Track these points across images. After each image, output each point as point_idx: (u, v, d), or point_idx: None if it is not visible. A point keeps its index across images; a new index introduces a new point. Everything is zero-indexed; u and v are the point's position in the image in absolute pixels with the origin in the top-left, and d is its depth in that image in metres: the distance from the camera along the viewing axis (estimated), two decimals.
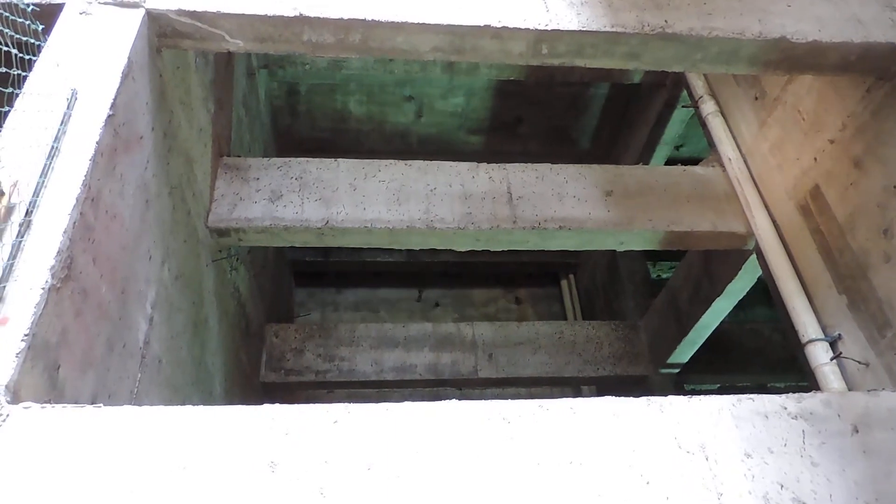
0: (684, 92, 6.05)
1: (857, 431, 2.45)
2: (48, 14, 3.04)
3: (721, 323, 6.21)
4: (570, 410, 2.38)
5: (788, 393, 2.54)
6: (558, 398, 2.44)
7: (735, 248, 5.15)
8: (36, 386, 2.28)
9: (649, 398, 2.46)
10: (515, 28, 3.32)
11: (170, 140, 3.64)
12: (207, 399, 4.56)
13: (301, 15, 3.19)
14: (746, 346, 7.70)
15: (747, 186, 4.95)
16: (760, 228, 4.76)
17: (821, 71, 3.76)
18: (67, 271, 2.47)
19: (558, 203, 4.91)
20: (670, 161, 7.30)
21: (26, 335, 2.21)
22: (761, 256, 4.79)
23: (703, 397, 2.48)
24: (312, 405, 2.29)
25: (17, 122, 2.61)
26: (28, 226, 2.40)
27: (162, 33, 3.27)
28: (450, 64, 6.70)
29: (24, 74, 2.73)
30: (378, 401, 2.36)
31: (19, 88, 2.70)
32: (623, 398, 2.46)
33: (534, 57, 3.52)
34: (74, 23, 3.04)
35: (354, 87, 7.50)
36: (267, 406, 2.26)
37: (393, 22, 3.25)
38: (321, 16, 3.20)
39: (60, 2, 3.10)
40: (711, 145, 5.41)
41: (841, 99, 4.10)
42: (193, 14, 3.17)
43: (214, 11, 3.15)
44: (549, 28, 3.34)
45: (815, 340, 4.14)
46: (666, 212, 4.98)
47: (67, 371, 2.50)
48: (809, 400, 2.52)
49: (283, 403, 2.27)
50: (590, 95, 7.88)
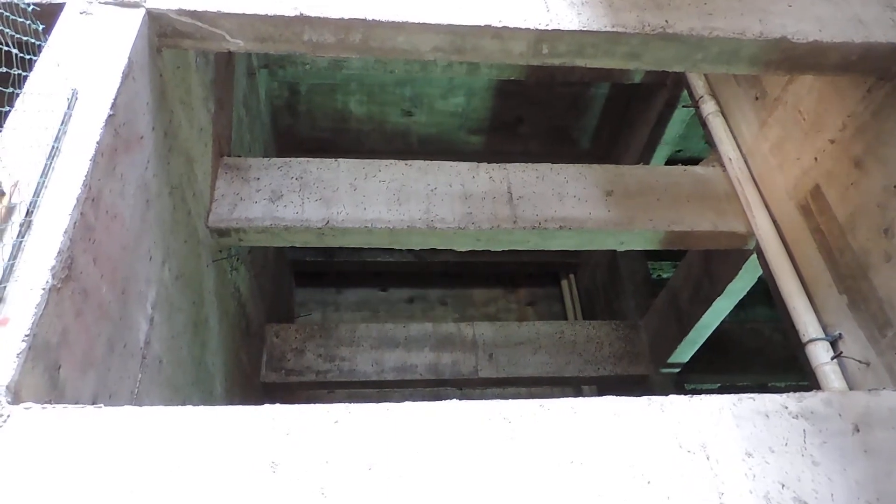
0: (685, 92, 6.05)
1: (858, 431, 2.45)
2: (49, 14, 3.04)
3: (721, 323, 6.21)
4: (571, 410, 2.38)
5: (789, 392, 2.53)
6: (559, 398, 2.44)
7: (735, 248, 5.15)
8: (37, 386, 2.28)
9: (650, 398, 2.46)
10: (516, 28, 3.32)
11: (170, 140, 3.64)
12: (208, 399, 4.56)
13: (302, 15, 3.19)
14: (747, 346, 7.70)
15: (748, 186, 4.95)
16: (761, 228, 4.76)
17: (821, 71, 3.76)
18: (68, 271, 2.46)
19: (559, 203, 4.91)
20: (669, 162, 7.30)
21: (27, 335, 2.21)
22: (762, 256, 4.78)
23: (704, 397, 2.48)
24: (313, 405, 2.29)
25: (18, 122, 2.61)
26: (29, 226, 2.40)
27: (162, 33, 3.27)
28: (450, 64, 6.70)
29: (25, 74, 2.73)
30: (379, 401, 2.35)
31: (20, 88, 2.70)
32: (624, 398, 2.45)
33: (534, 57, 3.52)
34: (75, 22, 3.04)
35: (355, 87, 7.50)
36: (267, 406, 2.26)
37: (394, 22, 3.24)
38: (322, 15, 3.20)
39: (61, 1, 3.10)
40: (712, 145, 5.41)
41: (841, 99, 4.10)
42: (194, 14, 3.17)
43: (215, 11, 3.15)
44: (550, 28, 3.34)
45: (816, 340, 4.14)
46: (666, 211, 4.98)
47: (68, 371, 2.50)
48: (810, 399, 2.52)
49: (284, 404, 2.27)
50: (590, 95, 7.88)
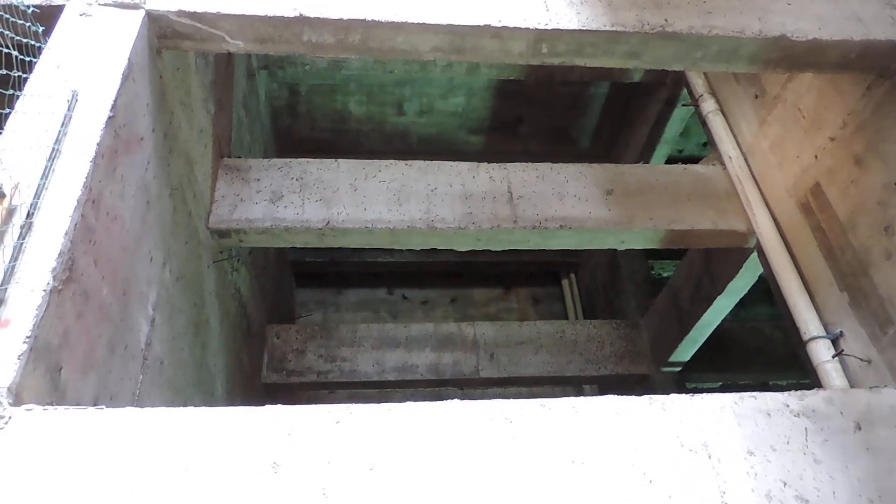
0: (684, 90, 6.04)
1: (860, 428, 2.45)
2: (48, 16, 3.04)
3: (722, 321, 6.20)
4: (572, 409, 2.38)
5: (790, 391, 2.53)
6: (560, 397, 2.44)
7: (736, 247, 5.14)
8: (38, 388, 2.28)
9: (651, 397, 2.46)
10: (515, 27, 3.32)
11: (170, 141, 3.64)
12: (209, 400, 4.56)
13: (301, 15, 3.19)
14: (748, 345, 7.70)
15: (748, 184, 4.94)
16: (761, 226, 4.76)
17: (821, 69, 3.76)
18: (69, 273, 2.47)
19: (559, 202, 4.91)
20: (669, 161, 7.30)
21: (28, 337, 2.21)
22: (762, 254, 4.78)
23: (706, 395, 2.48)
24: (314, 406, 2.29)
25: (18, 124, 2.61)
26: (29, 228, 2.40)
27: (162, 34, 3.27)
28: (449, 64, 6.70)
29: (25, 76, 2.73)
30: (380, 401, 2.36)
31: (20, 90, 2.70)
32: (625, 397, 2.45)
33: (534, 56, 3.52)
34: (75, 24, 3.04)
35: (354, 88, 7.50)
36: (269, 407, 2.26)
37: (393, 22, 3.24)
38: (321, 16, 3.20)
39: (61, 3, 3.10)
40: (712, 144, 5.41)
41: (841, 97, 4.10)
42: (193, 15, 3.17)
43: (214, 12, 3.15)
44: (549, 27, 3.34)
45: (817, 338, 4.14)
46: (667, 210, 4.98)
47: (69, 373, 2.50)
48: (812, 397, 2.52)
49: (285, 404, 2.27)
50: (590, 94, 7.88)
